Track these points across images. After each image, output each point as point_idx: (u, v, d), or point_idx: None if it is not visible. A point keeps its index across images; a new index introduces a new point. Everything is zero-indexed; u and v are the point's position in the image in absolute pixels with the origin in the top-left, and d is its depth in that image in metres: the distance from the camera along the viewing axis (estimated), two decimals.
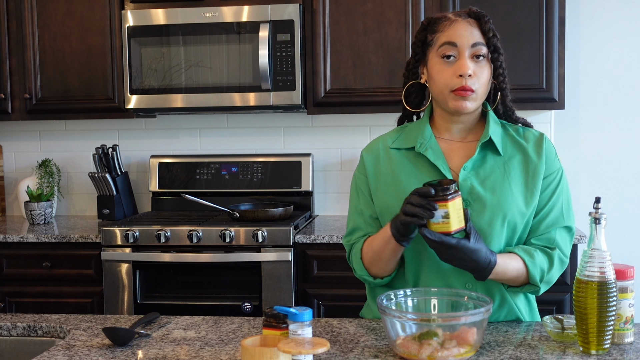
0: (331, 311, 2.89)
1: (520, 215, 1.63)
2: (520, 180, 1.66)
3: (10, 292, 3.05)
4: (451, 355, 1.36)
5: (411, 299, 1.54)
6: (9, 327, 1.74)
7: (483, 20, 1.64)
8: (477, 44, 1.62)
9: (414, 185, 1.64)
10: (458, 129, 1.71)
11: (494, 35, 1.63)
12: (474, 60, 1.62)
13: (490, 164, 1.67)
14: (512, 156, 1.68)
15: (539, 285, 1.61)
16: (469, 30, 1.63)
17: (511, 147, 1.70)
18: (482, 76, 1.63)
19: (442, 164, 1.66)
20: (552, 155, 1.70)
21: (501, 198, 1.62)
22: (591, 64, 3.37)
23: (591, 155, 3.39)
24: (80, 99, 3.28)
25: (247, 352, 1.34)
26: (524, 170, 1.67)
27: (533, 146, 1.70)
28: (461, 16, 1.66)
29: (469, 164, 1.66)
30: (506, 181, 1.64)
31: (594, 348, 1.43)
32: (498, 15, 3.02)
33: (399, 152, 1.73)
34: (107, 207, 3.37)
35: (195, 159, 3.49)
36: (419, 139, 1.70)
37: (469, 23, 1.64)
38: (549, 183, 1.68)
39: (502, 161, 1.67)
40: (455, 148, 1.71)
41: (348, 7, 3.10)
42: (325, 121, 3.50)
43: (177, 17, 3.13)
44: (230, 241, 2.88)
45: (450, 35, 1.63)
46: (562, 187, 1.69)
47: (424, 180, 1.64)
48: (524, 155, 1.68)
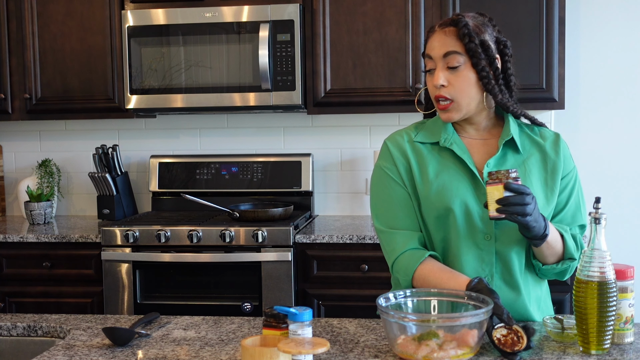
0: (331, 311, 2.89)
1: (541, 211, 1.65)
2: (540, 178, 1.70)
3: (10, 292, 3.05)
4: (447, 356, 1.36)
5: (411, 300, 1.54)
6: (9, 327, 1.74)
7: (459, 26, 1.64)
8: (449, 53, 1.64)
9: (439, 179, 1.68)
10: (472, 128, 1.75)
11: (470, 41, 1.63)
12: (450, 69, 1.65)
13: (512, 162, 1.70)
14: (531, 154, 1.72)
15: (575, 257, 1.66)
16: (442, 41, 1.65)
17: (529, 146, 1.74)
18: (458, 84, 1.65)
19: (468, 158, 1.69)
20: (568, 154, 1.75)
21: None
22: (591, 64, 3.37)
23: (591, 155, 3.39)
24: (80, 99, 3.28)
25: (247, 352, 1.34)
26: (543, 168, 1.71)
27: (551, 144, 1.74)
28: (441, 25, 1.68)
29: (492, 161, 1.69)
30: (527, 179, 1.68)
31: (594, 348, 1.43)
32: (498, 15, 3.01)
33: (424, 146, 1.75)
34: (107, 207, 3.37)
35: (195, 159, 3.49)
36: (442, 134, 1.72)
37: (445, 33, 1.65)
38: (567, 182, 1.73)
39: (522, 159, 1.71)
40: (475, 145, 1.74)
41: (348, 7, 3.10)
42: (325, 121, 3.50)
43: (177, 17, 3.13)
44: (230, 241, 2.88)
45: (428, 48, 1.68)
46: (578, 186, 1.76)
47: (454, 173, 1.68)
48: (542, 153, 1.72)
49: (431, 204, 1.68)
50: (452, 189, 1.67)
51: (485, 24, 1.69)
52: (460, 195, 1.66)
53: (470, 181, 1.68)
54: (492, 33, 1.69)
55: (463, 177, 1.68)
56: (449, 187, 1.67)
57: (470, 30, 1.63)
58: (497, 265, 1.67)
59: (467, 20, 1.65)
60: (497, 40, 1.70)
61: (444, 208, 1.66)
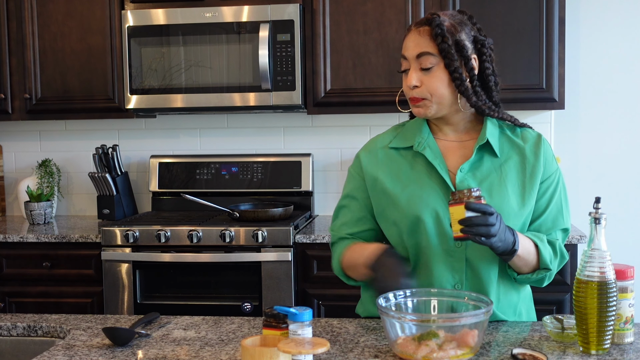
0: (331, 311, 2.89)
1: (515, 217, 1.63)
2: (517, 182, 1.66)
3: (10, 292, 3.05)
4: (447, 356, 1.35)
5: (411, 300, 1.54)
6: (9, 327, 1.74)
7: (432, 25, 1.61)
8: (422, 54, 1.61)
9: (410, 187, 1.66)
10: (450, 129, 1.71)
11: (443, 41, 1.59)
12: (422, 70, 1.63)
13: (487, 166, 1.67)
14: (509, 157, 1.68)
15: (549, 267, 1.62)
16: (416, 41, 1.63)
17: (508, 149, 1.69)
18: (431, 84, 1.62)
19: (440, 164, 1.66)
20: (550, 157, 1.70)
21: (497, 200, 1.62)
22: (591, 64, 3.37)
23: (591, 155, 3.39)
24: (80, 99, 3.28)
25: (247, 352, 1.34)
26: (521, 171, 1.67)
27: (531, 147, 1.69)
28: (417, 25, 1.65)
29: (466, 165, 1.65)
30: (503, 183, 1.64)
31: (594, 348, 1.43)
32: (498, 15, 3.02)
33: (397, 152, 1.73)
34: (107, 207, 3.37)
35: (195, 159, 3.49)
36: (417, 138, 1.70)
37: (419, 32, 1.62)
38: (548, 186, 1.68)
39: (499, 163, 1.67)
40: (452, 148, 1.71)
41: (348, 7, 3.10)
42: (325, 121, 3.50)
43: (177, 17, 3.13)
44: (230, 241, 2.88)
45: (403, 48, 1.66)
46: (560, 189, 1.70)
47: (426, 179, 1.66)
48: (521, 156, 1.68)
49: (402, 213, 1.66)
50: (422, 198, 1.64)
51: (463, 23, 1.64)
52: (430, 203, 1.63)
53: (442, 188, 1.65)
54: (469, 32, 1.64)
55: (434, 185, 1.65)
56: (420, 195, 1.65)
57: (444, 30, 1.59)
58: (467, 272, 1.65)
59: (442, 20, 1.61)
60: (474, 40, 1.64)
61: (414, 217, 1.64)
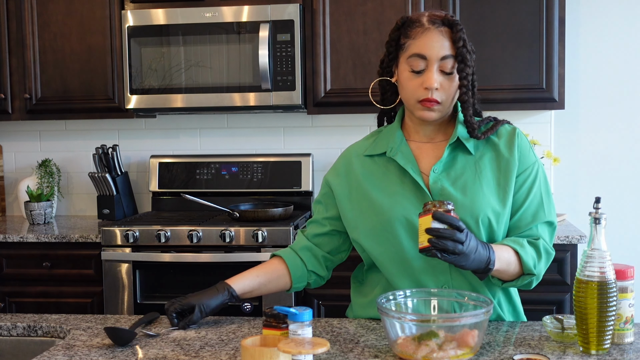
0: (331, 311, 2.89)
1: (495, 214, 1.60)
2: (492, 179, 1.63)
3: (10, 292, 3.05)
4: (447, 356, 1.35)
5: (411, 300, 1.54)
6: (9, 327, 1.74)
7: (455, 28, 1.58)
8: (446, 57, 1.58)
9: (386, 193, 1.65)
10: (427, 130, 1.69)
11: (463, 45, 1.57)
12: (442, 72, 1.59)
13: (462, 164, 1.64)
14: (484, 154, 1.65)
15: (534, 272, 1.58)
16: (440, 42, 1.58)
17: (482, 145, 1.66)
18: (449, 88, 1.60)
19: (412, 168, 1.64)
20: (525, 149, 1.66)
21: (473, 198, 1.60)
22: (591, 64, 3.37)
23: (591, 155, 3.39)
24: (80, 99, 3.28)
25: (247, 352, 1.34)
26: (496, 167, 1.64)
27: (505, 142, 1.66)
28: (435, 24, 1.59)
29: (439, 165, 1.64)
30: (477, 181, 1.62)
31: (594, 348, 1.43)
32: (498, 15, 3.02)
33: (372, 159, 1.71)
34: (107, 207, 3.37)
35: (195, 159, 3.49)
36: (390, 144, 1.68)
37: (441, 33, 1.58)
38: (525, 179, 1.64)
39: (474, 160, 1.65)
40: (425, 149, 1.69)
41: (348, 7, 3.10)
42: (325, 121, 3.50)
43: (177, 17, 3.13)
44: (230, 241, 2.88)
45: (420, 47, 1.59)
46: (539, 182, 1.66)
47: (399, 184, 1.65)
48: (496, 152, 1.65)
49: (376, 219, 1.64)
50: (395, 204, 1.63)
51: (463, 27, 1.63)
52: (404, 208, 1.62)
53: (415, 192, 1.63)
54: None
55: (407, 190, 1.64)
56: (392, 202, 1.63)
57: (465, 34, 1.58)
58: (453, 273, 1.62)
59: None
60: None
61: (388, 223, 1.62)
